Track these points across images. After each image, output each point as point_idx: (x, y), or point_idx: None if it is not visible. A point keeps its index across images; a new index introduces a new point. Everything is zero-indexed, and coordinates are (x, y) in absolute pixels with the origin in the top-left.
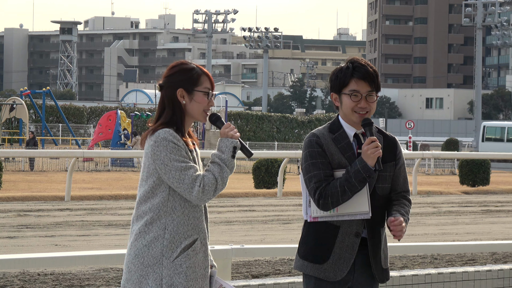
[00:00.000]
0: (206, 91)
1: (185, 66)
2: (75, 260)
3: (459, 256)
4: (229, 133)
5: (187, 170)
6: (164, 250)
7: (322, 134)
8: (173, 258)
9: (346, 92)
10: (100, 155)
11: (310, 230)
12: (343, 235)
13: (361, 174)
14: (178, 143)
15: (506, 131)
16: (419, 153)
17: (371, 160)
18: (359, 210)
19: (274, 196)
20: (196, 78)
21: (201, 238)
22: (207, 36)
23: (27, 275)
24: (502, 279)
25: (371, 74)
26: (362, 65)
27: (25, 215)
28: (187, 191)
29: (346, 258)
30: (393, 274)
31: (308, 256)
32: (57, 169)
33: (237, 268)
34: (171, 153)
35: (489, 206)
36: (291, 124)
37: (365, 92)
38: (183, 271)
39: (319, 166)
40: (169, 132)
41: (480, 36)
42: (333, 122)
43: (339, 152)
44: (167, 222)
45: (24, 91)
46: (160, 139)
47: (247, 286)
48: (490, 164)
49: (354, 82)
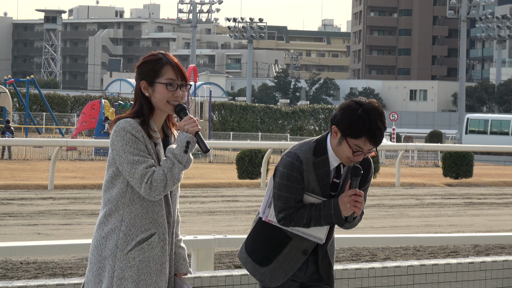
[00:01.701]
0: (167, 82)
1: (150, 58)
2: (58, 249)
3: (442, 248)
4: (186, 126)
5: (139, 164)
6: (119, 242)
7: (306, 159)
8: (126, 251)
9: (351, 143)
10: (83, 144)
11: (262, 229)
12: (291, 248)
13: (331, 219)
14: (136, 134)
15: (490, 124)
16: (402, 145)
17: (347, 212)
18: (315, 234)
19: (258, 186)
20: (157, 70)
21: (160, 233)
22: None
23: (10, 263)
24: (484, 271)
25: (381, 138)
26: (379, 129)
27: (8, 203)
28: (136, 185)
29: (286, 270)
30: (375, 266)
31: (252, 253)
32: (40, 157)
33: (220, 258)
34: (127, 144)
35: (472, 199)
36: (275, 115)
37: (367, 150)
38: (135, 264)
39: (292, 191)
40: (129, 122)
41: (464, 29)
42: (320, 143)
43: (316, 179)
44: (125, 214)
45: (8, 80)
46: (119, 128)
47: (230, 276)
48: (473, 156)
49: (363, 141)
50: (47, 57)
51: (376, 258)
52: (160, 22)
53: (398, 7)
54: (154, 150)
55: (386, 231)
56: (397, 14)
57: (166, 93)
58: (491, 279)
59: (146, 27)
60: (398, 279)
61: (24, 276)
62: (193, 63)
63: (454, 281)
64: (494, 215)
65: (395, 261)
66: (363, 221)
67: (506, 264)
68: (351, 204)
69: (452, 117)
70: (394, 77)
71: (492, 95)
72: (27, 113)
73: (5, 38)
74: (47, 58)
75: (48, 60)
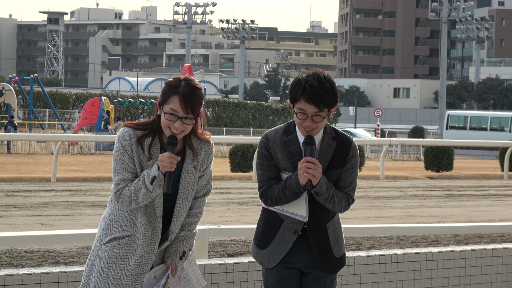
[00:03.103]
0: (169, 111)
1: (170, 82)
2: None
3: (424, 238)
4: (161, 162)
5: (117, 173)
6: (102, 232)
7: (273, 137)
8: (103, 242)
9: (295, 108)
10: (84, 139)
11: (262, 215)
12: (284, 229)
13: (294, 189)
14: (125, 146)
15: (469, 120)
16: (386, 140)
17: (303, 179)
18: (298, 212)
19: (249, 179)
20: (167, 97)
21: (138, 238)
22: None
23: (15, 252)
24: (464, 259)
25: (318, 96)
26: (312, 86)
27: (13, 195)
28: (111, 190)
29: (281, 250)
30: (360, 254)
31: (255, 239)
32: (43, 152)
33: (213, 247)
34: (116, 151)
35: (452, 191)
36: (266, 112)
37: (311, 113)
38: (104, 257)
39: (264, 168)
40: (124, 132)
41: (445, 30)
42: (290, 124)
43: (286, 156)
44: (113, 209)
45: (13, 78)
46: (118, 134)
47: (223, 264)
48: (454, 151)
49: (302, 102)
50: (50, 57)
51: (361, 247)
52: (157, 24)
53: (383, 10)
54: (146, 163)
55: (371, 221)
56: (381, 16)
57: (165, 121)
58: (470, 267)
59: (143, 28)
60: (382, 267)
61: (28, 264)
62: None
63: (435, 268)
64: (473, 206)
65: (380, 250)
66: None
67: (485, 253)
68: (303, 171)
69: (433, 114)
70: (378, 76)
71: (472, 93)
72: (31, 110)
73: (10, 38)
74: (50, 57)
75: (51, 59)
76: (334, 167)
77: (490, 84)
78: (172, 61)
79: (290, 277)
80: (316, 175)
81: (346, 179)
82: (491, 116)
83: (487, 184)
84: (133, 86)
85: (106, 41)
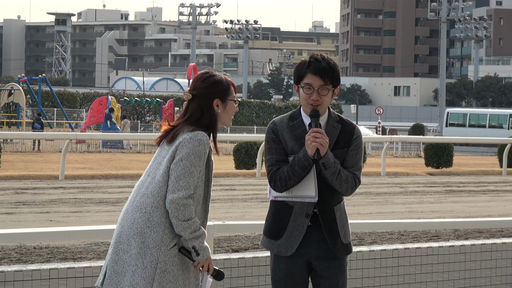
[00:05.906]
0: (236, 99)
1: (216, 78)
2: (68, 234)
3: (424, 233)
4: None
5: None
6: (164, 237)
7: (280, 121)
8: (170, 246)
9: (301, 85)
10: (92, 138)
11: (271, 208)
12: (296, 215)
13: (302, 162)
14: (206, 151)
15: (468, 117)
16: (387, 137)
17: (311, 150)
18: (307, 194)
19: (253, 176)
20: (227, 89)
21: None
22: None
23: (24, 248)
24: (464, 254)
25: (323, 69)
26: (317, 61)
27: (22, 192)
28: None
29: (296, 236)
30: (362, 249)
31: (266, 231)
32: (51, 150)
33: (218, 243)
34: (194, 154)
35: (452, 187)
36: (269, 110)
37: (317, 86)
38: (176, 260)
39: (272, 151)
40: (206, 137)
41: (444, 29)
42: (295, 110)
43: (293, 139)
44: (166, 212)
45: (22, 78)
46: (196, 139)
47: (228, 260)
48: (453, 147)
49: (308, 76)
50: (58, 57)
51: (363, 242)
52: (162, 24)
53: (383, 10)
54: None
55: (372, 217)
56: (382, 16)
57: (235, 109)
58: (470, 261)
59: (149, 28)
60: (384, 262)
61: (37, 260)
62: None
63: (435, 263)
64: (473, 201)
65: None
66: (351, 208)
67: (484, 247)
68: (311, 141)
69: (433, 111)
70: (379, 75)
71: (471, 91)
72: (39, 109)
73: (18, 39)
74: (57, 58)
75: (58, 59)
76: (339, 147)
77: (488, 82)
78: (177, 61)
79: (298, 270)
80: (324, 144)
81: (352, 159)
82: (490, 114)
83: (486, 180)
84: (139, 86)
85: (112, 42)
